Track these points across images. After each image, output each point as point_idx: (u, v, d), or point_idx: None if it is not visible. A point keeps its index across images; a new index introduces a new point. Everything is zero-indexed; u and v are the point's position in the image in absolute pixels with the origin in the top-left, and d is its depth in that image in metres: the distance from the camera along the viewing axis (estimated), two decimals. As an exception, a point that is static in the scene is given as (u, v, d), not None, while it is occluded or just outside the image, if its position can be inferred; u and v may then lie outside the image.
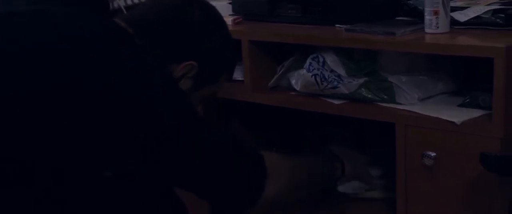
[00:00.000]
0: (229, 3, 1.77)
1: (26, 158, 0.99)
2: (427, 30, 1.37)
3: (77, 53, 1.01)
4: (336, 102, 1.46)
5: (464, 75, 1.46)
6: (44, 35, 1.04)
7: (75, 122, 0.99)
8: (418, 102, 1.40)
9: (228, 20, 1.62)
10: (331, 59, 1.48)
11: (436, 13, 1.35)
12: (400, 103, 1.40)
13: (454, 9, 1.40)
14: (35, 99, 0.98)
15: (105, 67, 1.02)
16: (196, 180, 1.13)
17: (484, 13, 1.38)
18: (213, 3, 1.33)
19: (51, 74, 0.99)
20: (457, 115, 1.30)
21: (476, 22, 1.38)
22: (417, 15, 1.45)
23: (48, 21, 1.06)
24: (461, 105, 1.36)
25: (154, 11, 1.26)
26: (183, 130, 1.08)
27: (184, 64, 1.23)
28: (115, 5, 1.77)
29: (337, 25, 1.52)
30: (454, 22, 1.38)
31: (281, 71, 1.58)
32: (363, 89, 1.43)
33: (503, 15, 1.37)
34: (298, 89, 1.52)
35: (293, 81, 1.53)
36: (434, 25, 1.35)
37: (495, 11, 1.38)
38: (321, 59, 1.48)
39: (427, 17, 1.36)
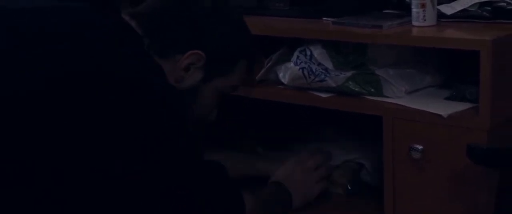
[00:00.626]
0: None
1: (25, 157, 0.98)
2: (414, 23, 1.37)
3: (77, 53, 1.01)
4: (324, 95, 1.46)
5: (451, 68, 1.46)
6: (45, 34, 1.03)
7: (74, 122, 0.98)
8: (405, 95, 1.40)
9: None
10: (318, 52, 1.48)
11: (423, 6, 1.35)
12: (388, 97, 1.40)
13: (441, 2, 1.40)
14: (35, 99, 0.98)
15: (105, 67, 1.01)
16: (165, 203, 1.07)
17: (470, 6, 1.38)
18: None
19: (51, 74, 0.99)
20: (444, 108, 1.30)
21: (462, 15, 1.39)
22: (405, 8, 1.45)
23: (48, 19, 1.06)
24: (448, 98, 1.37)
25: (163, 1, 1.24)
26: (168, 141, 1.05)
27: (189, 54, 1.20)
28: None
29: (324, 18, 1.52)
30: (441, 15, 1.39)
31: (268, 65, 1.58)
32: (350, 82, 1.42)
33: (489, 8, 1.37)
34: (285, 82, 1.51)
35: (280, 75, 1.53)
36: (421, 18, 1.36)
37: (481, 4, 1.38)
38: (308, 53, 1.48)
39: (414, 10, 1.36)
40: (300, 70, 1.46)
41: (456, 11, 1.39)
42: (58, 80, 0.99)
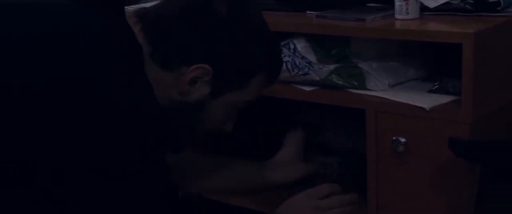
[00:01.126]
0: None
1: (24, 157, 0.97)
2: (397, 16, 1.37)
3: (76, 53, 1.00)
4: (307, 89, 1.46)
5: (435, 61, 1.47)
6: (45, 34, 1.02)
7: (70, 123, 0.97)
8: (389, 88, 1.41)
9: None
10: (302, 46, 1.48)
11: (406, -1, 1.35)
12: (371, 90, 1.40)
13: (424, -5, 1.41)
14: (34, 99, 0.97)
15: (104, 67, 1.00)
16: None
17: (453, -1, 1.39)
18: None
19: (51, 74, 0.98)
20: (427, 101, 1.31)
21: (445, 8, 1.39)
22: (388, 1, 1.45)
23: (48, 19, 1.04)
24: (431, 91, 1.37)
25: (172, 4, 1.14)
26: (134, 152, 1.00)
27: (194, 67, 1.10)
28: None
29: (308, 12, 1.52)
30: (424, 8, 1.39)
31: (252, 58, 1.57)
32: (333, 75, 1.43)
33: (472, 1, 1.37)
34: (269, 76, 1.51)
35: (264, 68, 1.53)
36: (404, 11, 1.36)
37: (464, -3, 1.38)
38: (292, 46, 1.48)
39: (397, 3, 1.37)
40: (284, 63, 1.45)
41: (439, 4, 1.39)
42: (58, 81, 0.98)
